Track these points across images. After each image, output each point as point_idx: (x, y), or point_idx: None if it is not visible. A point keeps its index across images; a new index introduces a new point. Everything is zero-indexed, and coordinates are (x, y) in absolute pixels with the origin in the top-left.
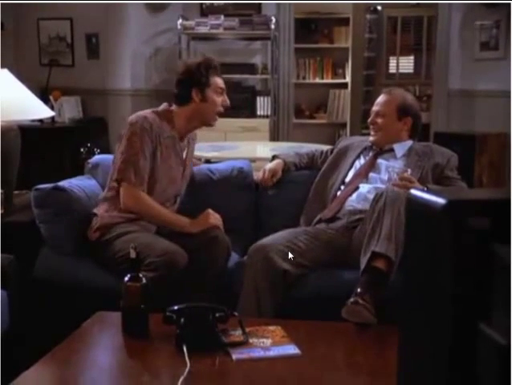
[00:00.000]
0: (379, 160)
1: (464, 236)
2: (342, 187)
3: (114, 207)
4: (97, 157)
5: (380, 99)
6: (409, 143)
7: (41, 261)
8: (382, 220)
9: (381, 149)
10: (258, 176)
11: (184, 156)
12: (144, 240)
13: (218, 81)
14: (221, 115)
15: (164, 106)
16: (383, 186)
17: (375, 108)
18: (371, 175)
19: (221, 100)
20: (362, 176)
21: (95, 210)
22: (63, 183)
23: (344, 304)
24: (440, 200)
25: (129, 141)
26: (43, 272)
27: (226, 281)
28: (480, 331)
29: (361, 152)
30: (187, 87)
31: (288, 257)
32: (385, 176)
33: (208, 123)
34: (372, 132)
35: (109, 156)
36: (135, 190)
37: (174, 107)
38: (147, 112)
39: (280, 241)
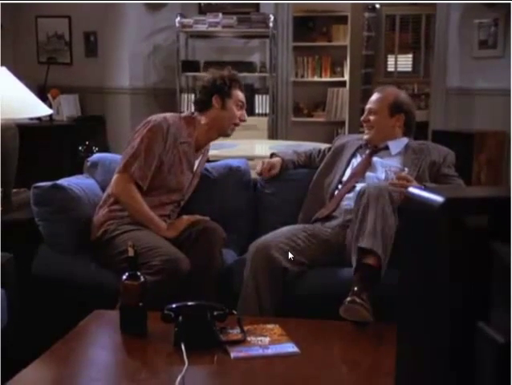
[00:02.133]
0: (375, 158)
1: (462, 234)
2: (339, 186)
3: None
4: (96, 156)
5: (373, 97)
6: (404, 140)
7: (39, 259)
8: (366, 217)
9: (376, 147)
10: (256, 167)
11: (196, 165)
12: (148, 241)
13: (240, 95)
14: None
15: (187, 112)
16: None
17: (367, 106)
18: (368, 174)
19: (239, 114)
20: (358, 175)
21: (98, 208)
22: (62, 181)
23: (342, 303)
24: (438, 199)
25: (142, 138)
26: (42, 270)
27: (226, 279)
28: (478, 330)
29: (356, 150)
30: (209, 94)
31: (287, 255)
32: (382, 175)
33: (225, 133)
34: (366, 130)
35: (108, 155)
36: (128, 181)
37: (196, 113)
38: (168, 114)
39: (280, 239)
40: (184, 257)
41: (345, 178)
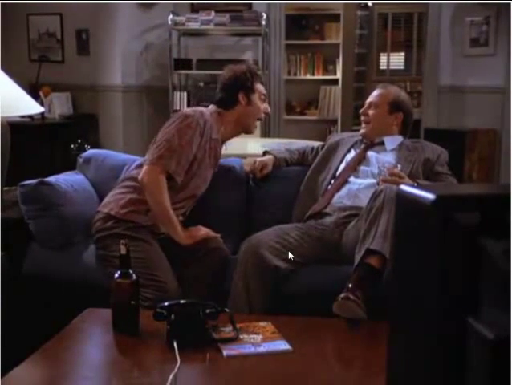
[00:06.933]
0: (370, 153)
1: (452, 230)
2: (332, 181)
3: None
4: (89, 152)
5: (375, 92)
6: (400, 138)
7: (30, 257)
8: (379, 218)
9: (371, 142)
10: (247, 167)
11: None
12: (145, 264)
13: (262, 88)
14: None
15: (212, 107)
16: (373, 180)
17: (368, 100)
18: (362, 168)
19: (263, 107)
20: (351, 168)
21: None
22: (49, 178)
23: (335, 299)
24: (429, 195)
25: (180, 132)
26: (32, 268)
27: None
28: (468, 325)
29: (352, 146)
30: (233, 91)
31: (278, 253)
32: (376, 170)
33: (249, 130)
34: (363, 124)
35: (102, 151)
36: (160, 172)
37: (221, 110)
38: (203, 109)
39: (271, 237)
40: (175, 287)
41: (339, 173)
